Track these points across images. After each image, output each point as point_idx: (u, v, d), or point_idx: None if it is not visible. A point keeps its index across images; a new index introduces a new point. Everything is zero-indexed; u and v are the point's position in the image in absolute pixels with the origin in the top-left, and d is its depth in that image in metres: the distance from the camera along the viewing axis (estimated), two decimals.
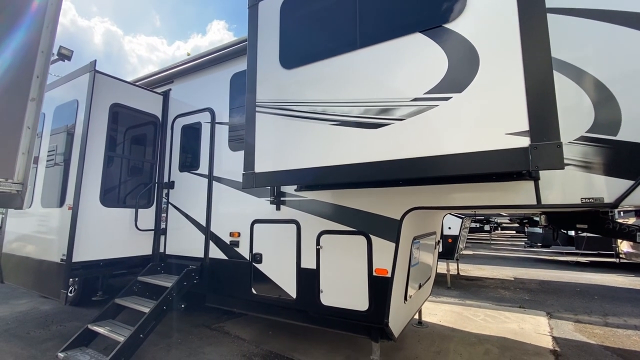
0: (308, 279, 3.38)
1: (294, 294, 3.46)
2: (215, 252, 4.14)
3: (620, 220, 8.75)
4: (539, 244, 13.81)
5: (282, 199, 3.68)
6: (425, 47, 2.12)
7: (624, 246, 8.96)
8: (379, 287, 3.01)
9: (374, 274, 3.05)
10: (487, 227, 18.29)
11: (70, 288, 5.73)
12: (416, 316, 5.06)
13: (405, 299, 3.45)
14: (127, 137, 4.97)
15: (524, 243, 16.48)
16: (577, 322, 5.32)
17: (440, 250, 7.59)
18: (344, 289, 3.20)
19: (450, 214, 7.38)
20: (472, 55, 1.95)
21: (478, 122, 1.92)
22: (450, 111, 2.00)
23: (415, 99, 2.13)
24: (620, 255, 9.74)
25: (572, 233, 11.40)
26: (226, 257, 4.04)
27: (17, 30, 2.25)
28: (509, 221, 19.42)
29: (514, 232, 24.89)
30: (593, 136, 2.30)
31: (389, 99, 2.22)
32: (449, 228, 7.71)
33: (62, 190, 4.21)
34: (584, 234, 10.34)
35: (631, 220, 8.26)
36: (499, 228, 23.96)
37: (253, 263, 3.77)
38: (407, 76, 2.19)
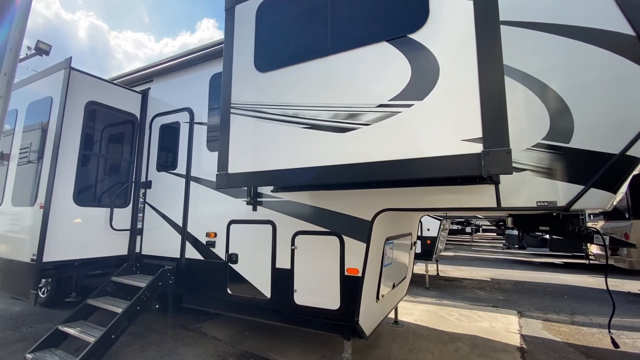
0: (282, 279, 3.43)
1: (268, 294, 3.50)
2: (192, 253, 4.14)
3: (589, 224, 9.15)
4: (516, 246, 14.26)
5: (258, 199, 3.72)
6: (391, 56, 2.21)
7: (594, 248, 9.37)
8: (350, 287, 3.08)
9: (346, 273, 3.13)
10: (468, 229, 18.73)
11: (43, 289, 5.60)
12: (392, 315, 5.18)
13: (378, 298, 3.53)
14: (104, 135, 4.90)
15: (502, 245, 16.99)
16: (545, 321, 5.55)
17: (419, 251, 7.79)
18: (316, 289, 3.26)
19: (428, 215, 7.56)
20: (433, 64, 2.05)
21: (437, 129, 2.01)
22: (412, 118, 2.09)
23: (381, 105, 2.21)
24: (590, 257, 10.17)
25: (547, 236, 11.81)
26: (202, 258, 4.05)
27: None
28: (488, 223, 19.97)
29: (495, 234, 25.54)
30: (548, 143, 2.45)
31: (357, 104, 2.30)
32: (428, 230, 7.89)
33: (34, 189, 4.12)
34: (558, 237, 10.72)
35: (600, 223, 8.66)
36: (480, 230, 24.56)
37: (229, 263, 3.79)
38: (374, 83, 2.28)
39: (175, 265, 4.21)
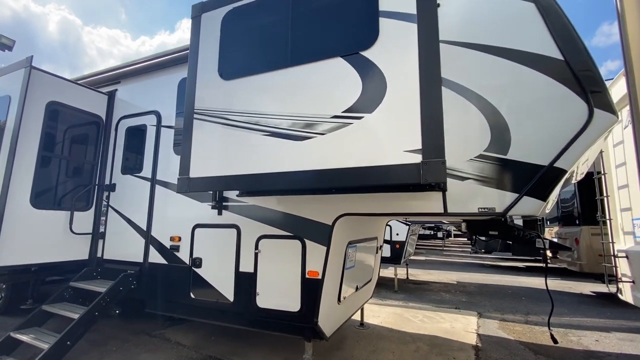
0: (245, 283, 3.48)
1: (231, 298, 3.54)
2: (155, 257, 4.11)
3: (547, 229, 9.74)
4: (482, 250, 14.92)
5: (224, 204, 3.76)
6: (345, 71, 2.37)
7: (550, 252, 9.96)
8: (311, 289, 3.19)
9: (307, 276, 3.23)
10: (440, 235, 19.36)
11: None
12: (358, 318, 5.32)
13: (339, 300, 3.65)
14: (67, 136, 4.78)
15: (470, 249, 17.70)
16: (502, 321, 5.87)
17: (388, 255, 8.02)
18: (278, 291, 3.34)
19: (397, 220, 7.82)
20: (381, 80, 2.22)
21: (384, 140, 2.18)
22: (362, 129, 2.25)
23: (335, 116, 2.36)
24: (547, 261, 10.79)
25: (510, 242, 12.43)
26: (166, 262, 4.02)
27: None
28: (455, 228, 20.77)
29: (466, 239, 26.48)
30: (489, 154, 2.67)
31: (313, 114, 2.43)
32: (397, 234, 8.14)
33: None
34: (506, 241, 11.32)
35: (555, 229, 9.26)
36: (452, 235, 25.43)
37: (193, 267, 3.79)
38: (329, 95, 2.42)
39: (138, 270, 4.16)
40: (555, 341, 3.48)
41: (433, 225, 17.09)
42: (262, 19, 2.83)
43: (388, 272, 9.23)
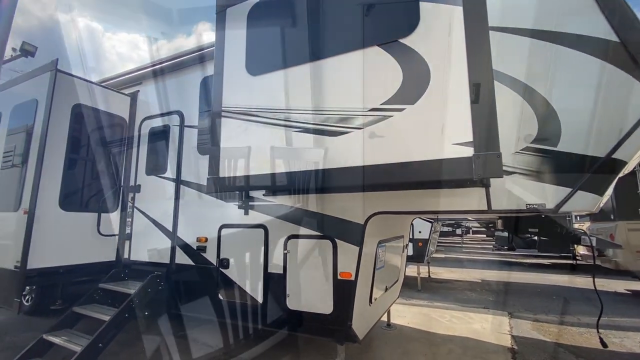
0: (274, 284, 3.40)
1: (260, 299, 3.46)
2: (182, 258, 4.07)
3: (576, 225, 9.32)
4: (505, 247, 14.47)
5: (250, 203, 3.68)
6: (383, 60, 2.22)
7: (581, 249, 9.55)
8: (343, 291, 3.07)
9: (339, 277, 3.11)
10: (458, 231, 18.92)
11: (27, 297, 5.43)
12: (385, 318, 5.18)
13: (371, 301, 3.53)
14: (92, 138, 4.81)
15: (492, 246, 17.21)
16: (535, 321, 5.61)
17: (411, 253, 7.81)
18: (309, 293, 3.24)
19: (419, 218, 7.61)
20: (424, 69, 2.07)
21: (428, 133, 2.03)
22: (404, 122, 2.10)
23: (373, 109, 2.22)
24: (577, 258, 10.36)
25: (536, 237, 11.99)
26: (193, 263, 3.98)
27: None
28: (477, 225, 20.26)
29: (485, 235, 25.83)
30: (537, 147, 2.48)
31: (349, 108, 2.31)
32: (419, 232, 7.93)
33: (19, 194, 4.01)
34: (544, 238, 10.87)
35: (586, 224, 8.84)
36: (470, 232, 24.83)
37: (220, 268, 3.74)
38: (366, 87, 2.28)
39: (165, 271, 4.13)
40: (604, 345, 3.26)
41: (453, 222, 16.71)
42: (292, 10, 2.72)
43: (410, 270, 9.02)
